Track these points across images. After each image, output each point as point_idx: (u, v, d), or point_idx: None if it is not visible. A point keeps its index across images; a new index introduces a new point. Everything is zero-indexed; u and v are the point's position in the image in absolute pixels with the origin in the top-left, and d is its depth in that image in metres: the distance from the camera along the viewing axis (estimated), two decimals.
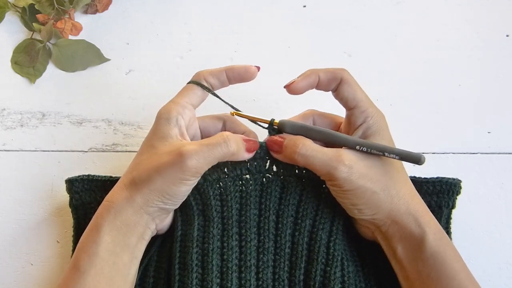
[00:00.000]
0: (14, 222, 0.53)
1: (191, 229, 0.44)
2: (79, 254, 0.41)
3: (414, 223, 0.42)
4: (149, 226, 0.43)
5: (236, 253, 0.44)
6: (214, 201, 0.45)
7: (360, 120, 0.44)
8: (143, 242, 0.43)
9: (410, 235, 0.42)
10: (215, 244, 0.44)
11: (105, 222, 0.41)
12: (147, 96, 0.58)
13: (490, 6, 0.61)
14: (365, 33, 0.60)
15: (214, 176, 0.45)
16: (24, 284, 0.51)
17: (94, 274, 0.40)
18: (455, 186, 0.47)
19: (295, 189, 0.46)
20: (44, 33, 0.58)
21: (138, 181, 0.42)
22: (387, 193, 0.42)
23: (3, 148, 0.56)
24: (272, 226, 0.45)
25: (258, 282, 0.44)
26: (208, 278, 0.43)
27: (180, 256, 0.44)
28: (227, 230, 0.44)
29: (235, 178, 0.45)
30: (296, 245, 0.44)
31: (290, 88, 0.44)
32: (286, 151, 0.43)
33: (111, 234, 0.41)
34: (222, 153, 0.42)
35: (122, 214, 0.41)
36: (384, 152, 0.42)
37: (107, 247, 0.41)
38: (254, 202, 0.45)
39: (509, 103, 0.57)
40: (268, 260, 0.44)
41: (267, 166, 0.46)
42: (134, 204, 0.41)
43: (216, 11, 0.61)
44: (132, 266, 0.42)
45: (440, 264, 0.41)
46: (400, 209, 0.42)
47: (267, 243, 0.45)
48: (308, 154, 0.42)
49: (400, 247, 0.42)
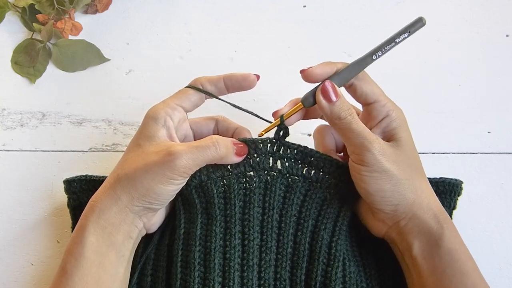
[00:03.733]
0: (14, 222, 0.53)
1: (194, 227, 0.44)
2: (66, 257, 0.41)
3: (434, 219, 0.42)
4: (136, 224, 0.43)
5: (239, 251, 0.44)
6: (217, 199, 0.44)
7: (383, 114, 0.44)
8: (130, 241, 0.43)
9: (428, 230, 0.42)
10: (218, 243, 0.44)
11: (89, 222, 0.41)
12: (147, 96, 0.58)
13: (490, 6, 0.61)
14: (365, 33, 0.60)
15: (218, 173, 0.45)
16: (24, 284, 0.51)
17: (81, 275, 0.40)
18: (457, 187, 0.48)
19: (300, 189, 0.45)
20: (44, 33, 0.58)
21: (124, 179, 0.41)
22: (412, 184, 0.42)
23: (3, 148, 0.56)
24: (275, 225, 0.45)
25: (260, 281, 0.44)
26: (210, 276, 0.43)
27: (183, 254, 0.44)
28: (229, 229, 0.44)
29: (239, 175, 0.45)
30: (298, 245, 0.44)
31: (305, 74, 0.44)
32: (335, 109, 0.42)
33: (95, 234, 0.41)
34: (211, 156, 0.42)
35: (106, 213, 0.41)
36: (395, 39, 0.43)
37: (92, 247, 0.41)
38: (257, 200, 0.45)
39: (509, 103, 0.57)
40: (271, 259, 0.44)
41: (271, 163, 0.46)
42: (119, 202, 0.41)
43: (216, 11, 0.61)
44: (120, 265, 0.42)
45: (456, 261, 0.41)
46: (422, 202, 0.42)
47: (270, 242, 0.44)
48: (353, 122, 0.42)
49: (418, 242, 0.42)
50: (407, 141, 0.44)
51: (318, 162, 0.45)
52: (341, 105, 0.42)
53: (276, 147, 0.46)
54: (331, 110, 0.42)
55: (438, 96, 0.57)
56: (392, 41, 0.43)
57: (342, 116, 0.42)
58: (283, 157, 0.46)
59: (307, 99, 0.44)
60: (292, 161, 0.46)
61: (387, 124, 0.44)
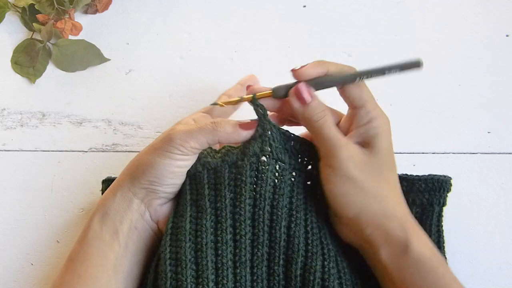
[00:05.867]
0: (14, 222, 0.53)
1: (183, 221, 0.42)
2: (74, 246, 0.43)
3: (399, 228, 0.41)
4: (141, 213, 0.43)
5: (231, 247, 0.41)
6: (208, 190, 0.42)
7: (364, 120, 0.43)
8: (135, 232, 0.43)
9: (394, 239, 0.41)
10: (209, 238, 0.41)
11: (97, 211, 0.43)
12: (147, 96, 0.58)
13: (490, 6, 0.61)
14: (365, 33, 0.60)
15: (212, 164, 0.43)
16: (24, 284, 0.51)
17: (83, 260, 0.41)
18: (446, 183, 0.47)
19: (289, 176, 0.43)
20: (44, 33, 0.58)
21: (128, 166, 0.43)
22: (377, 193, 0.42)
23: (3, 148, 0.56)
24: (267, 217, 0.42)
25: (253, 277, 0.42)
26: (203, 275, 0.40)
27: (171, 251, 0.41)
28: (220, 223, 0.41)
29: (231, 165, 0.43)
30: (292, 238, 0.42)
31: (297, 73, 0.43)
32: (307, 111, 0.42)
33: (100, 222, 0.42)
34: (211, 134, 0.41)
35: (111, 200, 0.42)
36: (385, 71, 0.42)
37: (95, 234, 0.42)
38: (249, 191, 0.42)
39: (509, 103, 0.57)
40: (263, 254, 0.42)
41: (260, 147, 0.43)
42: (122, 185, 0.43)
43: (216, 11, 0.61)
44: (124, 257, 0.42)
45: (425, 271, 0.40)
46: (387, 212, 0.42)
47: (262, 236, 0.42)
48: (324, 126, 0.42)
49: (385, 252, 0.42)
50: (383, 149, 0.43)
51: (299, 147, 0.44)
52: (314, 107, 0.42)
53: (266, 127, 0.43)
54: (303, 112, 0.42)
55: (438, 96, 0.57)
56: (382, 73, 0.42)
57: (314, 119, 0.42)
58: (272, 139, 0.43)
59: (279, 90, 0.43)
60: (279, 145, 0.43)
61: (366, 130, 0.43)
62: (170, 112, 0.56)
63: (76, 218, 0.53)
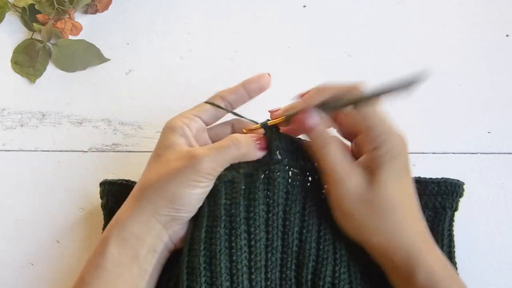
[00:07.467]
0: (14, 222, 0.53)
1: (199, 231, 0.43)
2: (85, 267, 0.41)
3: (404, 260, 0.39)
4: (161, 237, 0.41)
5: (245, 253, 0.42)
6: (224, 200, 0.43)
7: (371, 147, 0.41)
8: (154, 255, 0.42)
9: (400, 270, 0.40)
10: (223, 245, 0.42)
11: (112, 234, 0.40)
12: (147, 96, 0.58)
13: (490, 6, 0.61)
14: (365, 33, 0.60)
15: (229, 176, 0.43)
16: (24, 284, 0.51)
17: (98, 285, 0.39)
18: (459, 187, 0.47)
19: (302, 183, 0.44)
20: (44, 33, 0.58)
21: (148, 189, 0.41)
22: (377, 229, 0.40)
23: (3, 148, 0.56)
24: (280, 223, 0.43)
25: (267, 283, 0.42)
26: (217, 281, 0.41)
27: (189, 261, 0.42)
28: (235, 229, 0.42)
29: (246, 175, 0.44)
30: (304, 243, 0.43)
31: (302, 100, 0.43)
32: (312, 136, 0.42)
33: (117, 246, 0.40)
34: (233, 155, 0.41)
35: (130, 224, 0.40)
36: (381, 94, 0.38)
37: (112, 259, 0.40)
38: (262, 197, 0.43)
39: (509, 103, 0.57)
40: (277, 259, 0.42)
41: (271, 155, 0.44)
42: (144, 212, 0.40)
43: (216, 11, 0.61)
44: (141, 279, 0.41)
45: None
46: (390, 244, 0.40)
47: (276, 241, 0.43)
48: (329, 154, 0.41)
49: (393, 278, 0.41)
50: (389, 179, 0.40)
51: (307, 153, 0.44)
52: (319, 133, 0.42)
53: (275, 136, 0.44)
54: (310, 146, 0.42)
55: (438, 96, 0.57)
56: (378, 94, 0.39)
57: (319, 146, 0.41)
58: (281, 147, 0.44)
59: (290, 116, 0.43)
60: (289, 153, 0.44)
61: (371, 158, 0.40)
62: (170, 112, 0.56)
63: (76, 218, 0.53)
